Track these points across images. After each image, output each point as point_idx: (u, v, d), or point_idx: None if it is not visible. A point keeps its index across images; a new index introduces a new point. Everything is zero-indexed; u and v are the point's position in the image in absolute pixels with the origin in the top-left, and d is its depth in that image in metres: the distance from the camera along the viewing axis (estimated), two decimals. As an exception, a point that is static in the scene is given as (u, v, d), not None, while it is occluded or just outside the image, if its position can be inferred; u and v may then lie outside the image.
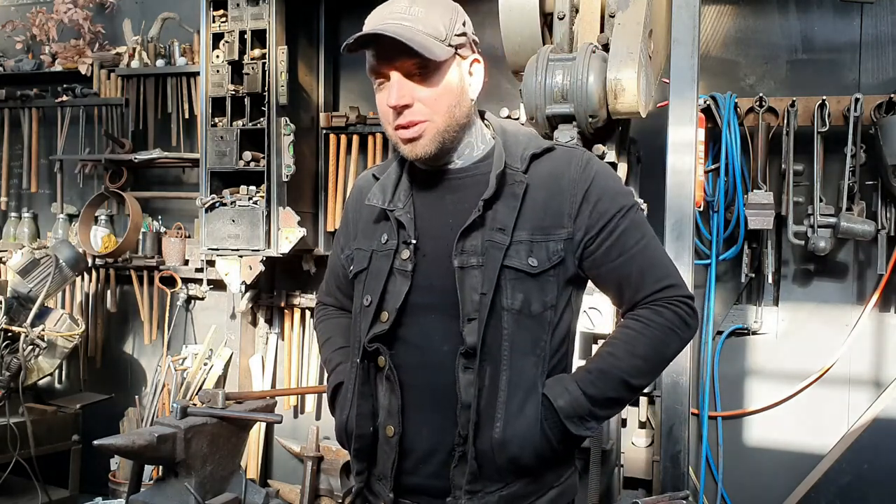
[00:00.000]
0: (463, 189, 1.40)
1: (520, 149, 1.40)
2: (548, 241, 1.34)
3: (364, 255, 1.47)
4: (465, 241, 1.34)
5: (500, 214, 1.34)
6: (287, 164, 3.37)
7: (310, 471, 3.56)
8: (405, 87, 1.33)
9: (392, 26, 1.30)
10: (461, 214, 1.36)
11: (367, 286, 1.44)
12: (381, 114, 1.39)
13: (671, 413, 2.37)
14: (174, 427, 2.10)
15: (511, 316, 1.32)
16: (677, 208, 2.38)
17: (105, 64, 4.15)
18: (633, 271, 1.37)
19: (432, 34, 1.31)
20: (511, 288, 1.32)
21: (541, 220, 1.35)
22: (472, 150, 1.43)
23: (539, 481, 1.38)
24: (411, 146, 1.36)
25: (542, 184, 1.37)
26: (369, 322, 1.40)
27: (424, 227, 1.41)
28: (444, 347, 1.35)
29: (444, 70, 1.34)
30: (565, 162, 1.39)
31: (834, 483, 3.10)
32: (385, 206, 1.43)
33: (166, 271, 3.99)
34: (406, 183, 1.45)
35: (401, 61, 1.32)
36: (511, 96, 3.50)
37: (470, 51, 1.40)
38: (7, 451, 3.26)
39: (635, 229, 1.39)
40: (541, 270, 1.34)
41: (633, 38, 2.31)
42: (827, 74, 3.14)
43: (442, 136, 1.36)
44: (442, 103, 1.34)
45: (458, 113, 1.37)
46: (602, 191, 1.37)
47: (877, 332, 3.11)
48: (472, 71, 1.41)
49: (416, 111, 1.34)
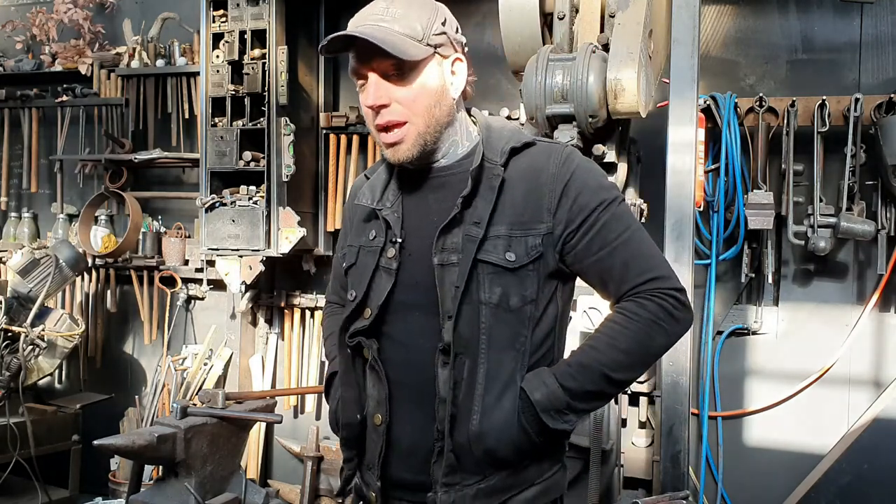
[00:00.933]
0: (446, 187, 1.42)
1: (501, 143, 1.41)
2: (526, 236, 1.35)
3: (353, 250, 1.50)
4: (444, 239, 1.36)
5: (477, 209, 1.36)
6: (287, 164, 3.37)
7: (310, 471, 3.56)
8: (381, 87, 1.35)
9: (368, 28, 1.32)
10: (444, 212, 1.38)
11: (353, 281, 1.47)
12: (363, 115, 1.42)
13: (671, 413, 2.37)
14: (174, 427, 2.10)
15: (489, 310, 1.33)
16: (677, 208, 2.38)
17: (105, 64, 4.15)
18: (616, 264, 1.36)
19: (409, 34, 1.33)
20: (489, 282, 1.33)
21: (520, 215, 1.36)
22: (456, 148, 1.44)
23: (519, 475, 1.38)
24: (393, 150, 1.39)
25: (521, 178, 1.38)
26: (351, 316, 1.44)
27: (411, 226, 1.43)
28: (427, 345, 1.36)
29: (421, 70, 1.35)
30: (545, 156, 1.40)
31: (834, 483, 3.10)
32: (373, 205, 1.46)
33: (166, 271, 3.99)
34: (394, 183, 1.48)
35: (377, 62, 1.34)
36: (511, 96, 3.50)
37: (452, 49, 1.40)
38: (7, 451, 3.26)
39: (617, 222, 1.37)
40: (519, 265, 1.34)
41: (633, 38, 2.31)
42: (827, 74, 3.14)
43: (423, 138, 1.37)
44: (420, 103, 1.36)
45: (437, 113, 1.38)
46: (582, 185, 1.37)
47: (877, 332, 3.11)
48: (455, 70, 1.41)
49: (394, 111, 1.35)
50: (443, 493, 1.34)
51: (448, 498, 1.34)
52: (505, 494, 1.37)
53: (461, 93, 1.43)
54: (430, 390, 1.35)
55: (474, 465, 1.34)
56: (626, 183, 2.64)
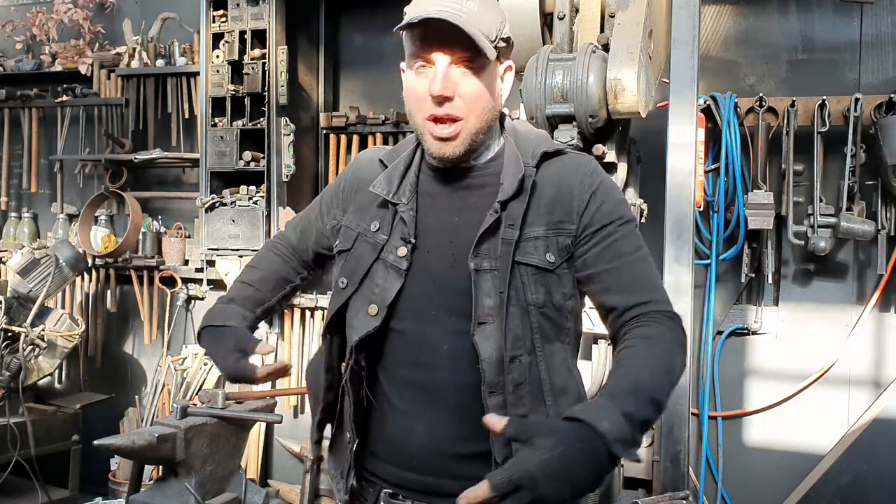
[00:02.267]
0: (471, 188, 1.40)
1: (531, 146, 1.41)
2: (558, 236, 1.35)
3: (349, 234, 1.46)
4: (480, 244, 1.33)
5: (512, 211, 1.35)
6: (287, 164, 3.38)
7: (310, 471, 3.56)
8: (451, 77, 1.29)
9: (452, 14, 1.26)
10: (467, 213, 1.36)
11: (345, 268, 1.43)
12: (411, 100, 1.35)
13: (671, 413, 2.36)
14: (174, 427, 2.10)
15: (537, 310, 1.33)
16: (677, 208, 2.37)
17: (105, 64, 4.15)
18: (629, 277, 1.35)
19: (484, 32, 1.29)
20: (533, 283, 1.33)
21: (551, 216, 1.36)
22: (487, 151, 1.43)
23: None
24: (443, 144, 1.33)
25: (551, 182, 1.38)
26: (344, 304, 1.41)
27: (426, 225, 1.40)
28: (444, 346, 1.35)
29: (488, 70, 1.33)
30: (574, 165, 1.41)
31: (834, 483, 3.10)
32: (389, 197, 1.41)
33: (166, 271, 3.99)
34: (413, 176, 1.43)
35: (454, 50, 1.28)
36: (511, 96, 3.49)
37: (506, 57, 1.40)
38: (7, 451, 3.26)
39: (632, 239, 1.38)
40: (557, 265, 1.35)
41: (633, 38, 2.31)
42: (827, 74, 3.14)
43: (474, 137, 1.35)
44: (480, 103, 1.33)
45: (489, 116, 1.36)
46: (607, 196, 1.39)
47: (877, 332, 3.11)
48: (504, 77, 1.41)
49: (456, 106, 1.31)
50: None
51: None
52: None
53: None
54: (444, 393, 1.35)
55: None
56: (626, 183, 2.64)
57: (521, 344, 1.31)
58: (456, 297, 1.34)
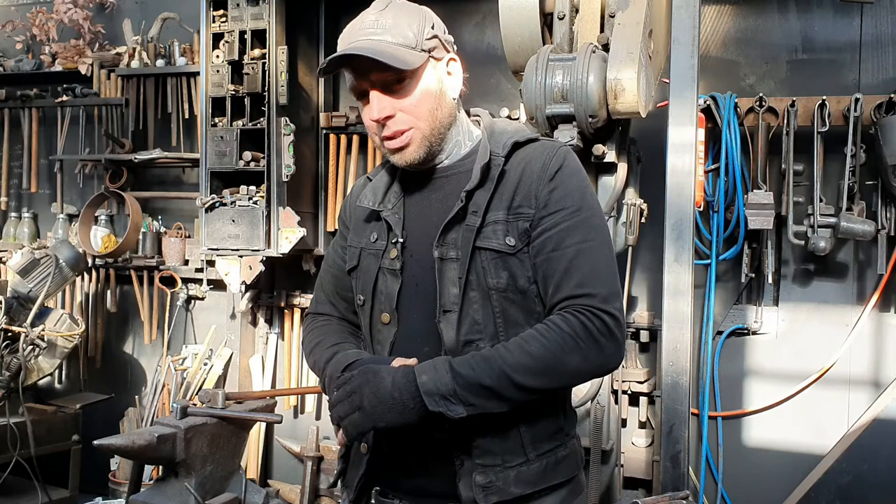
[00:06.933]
0: (449, 186, 1.44)
1: (504, 138, 1.42)
2: (518, 220, 1.36)
3: (354, 252, 1.51)
4: (446, 234, 1.37)
5: (477, 200, 1.37)
6: (287, 164, 3.37)
7: (310, 471, 3.56)
8: (384, 99, 1.36)
9: (362, 43, 1.33)
10: (445, 210, 1.39)
11: (359, 284, 1.49)
12: (367, 127, 1.42)
13: (671, 413, 2.37)
14: (174, 427, 2.09)
15: (499, 294, 1.34)
16: (677, 208, 2.38)
17: (105, 64, 4.15)
18: (559, 269, 1.32)
19: (403, 43, 1.33)
20: (494, 267, 1.34)
21: (513, 201, 1.37)
22: (459, 148, 1.46)
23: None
24: (400, 155, 1.40)
25: (518, 168, 1.39)
26: (368, 321, 1.46)
27: (412, 227, 1.44)
28: (425, 348, 1.37)
29: (420, 76, 1.36)
30: (541, 149, 1.41)
31: (834, 483, 3.10)
32: (375, 206, 1.47)
33: (166, 271, 3.99)
34: (397, 185, 1.49)
35: (376, 76, 1.34)
36: (511, 96, 3.50)
37: (444, 51, 1.41)
38: (7, 451, 3.25)
39: (581, 230, 1.34)
40: (518, 249, 1.35)
41: (633, 38, 2.32)
42: (827, 74, 3.14)
43: (428, 140, 1.39)
44: (423, 108, 1.37)
45: (440, 115, 1.39)
46: (566, 182, 1.37)
47: (877, 332, 3.11)
48: (451, 70, 1.43)
49: (399, 120, 1.36)
50: (478, 475, 1.34)
51: (484, 479, 1.34)
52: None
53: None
54: None
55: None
56: (626, 183, 2.64)
57: (479, 328, 1.34)
58: (433, 294, 1.37)
